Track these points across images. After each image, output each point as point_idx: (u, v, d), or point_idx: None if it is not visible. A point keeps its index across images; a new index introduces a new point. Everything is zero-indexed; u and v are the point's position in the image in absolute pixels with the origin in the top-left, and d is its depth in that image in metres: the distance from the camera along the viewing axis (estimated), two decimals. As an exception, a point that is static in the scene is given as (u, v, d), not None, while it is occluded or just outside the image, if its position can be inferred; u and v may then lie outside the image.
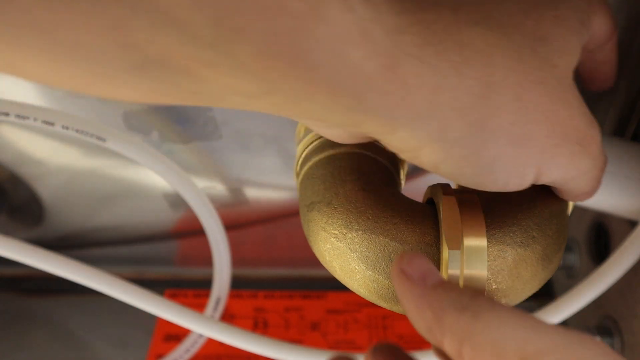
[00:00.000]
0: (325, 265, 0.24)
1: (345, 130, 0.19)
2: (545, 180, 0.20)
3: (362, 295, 0.23)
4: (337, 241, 0.22)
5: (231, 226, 0.39)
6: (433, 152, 0.18)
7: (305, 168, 0.25)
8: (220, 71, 0.15)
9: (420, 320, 0.17)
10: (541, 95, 0.18)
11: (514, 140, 0.18)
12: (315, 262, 0.25)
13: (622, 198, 0.28)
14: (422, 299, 0.17)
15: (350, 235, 0.22)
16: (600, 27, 0.22)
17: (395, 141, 0.18)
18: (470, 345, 0.16)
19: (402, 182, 0.27)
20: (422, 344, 0.44)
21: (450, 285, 0.17)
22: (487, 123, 0.18)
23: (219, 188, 0.39)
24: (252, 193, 0.40)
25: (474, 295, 0.17)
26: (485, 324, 0.16)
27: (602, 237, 0.38)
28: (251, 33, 0.14)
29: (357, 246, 0.22)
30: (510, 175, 0.19)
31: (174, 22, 0.13)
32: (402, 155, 0.19)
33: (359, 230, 0.22)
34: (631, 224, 0.32)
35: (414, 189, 0.32)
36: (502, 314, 0.16)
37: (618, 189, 0.28)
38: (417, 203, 0.23)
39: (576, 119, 0.20)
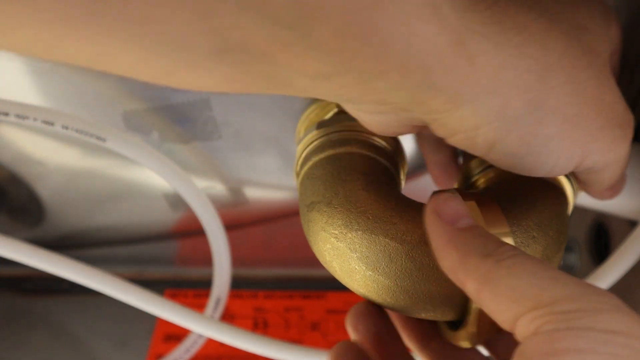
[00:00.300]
0: (325, 265, 0.24)
1: (397, 116, 0.19)
2: (586, 164, 0.21)
3: (362, 295, 0.23)
4: (337, 241, 0.22)
5: (231, 226, 0.39)
6: (491, 130, 0.19)
7: (305, 168, 0.25)
8: (296, 53, 0.15)
9: (446, 260, 0.18)
10: (590, 78, 0.19)
11: (568, 120, 0.19)
12: (315, 262, 0.25)
13: (622, 198, 0.28)
14: (450, 240, 0.18)
15: (350, 235, 0.22)
16: (615, 35, 0.22)
17: (454, 120, 0.18)
18: (490, 289, 0.17)
19: (402, 182, 0.27)
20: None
21: (479, 230, 0.18)
22: (544, 102, 0.18)
23: (219, 188, 0.39)
24: (252, 193, 0.40)
25: (499, 243, 0.18)
26: (506, 270, 0.17)
27: (602, 237, 0.38)
28: (330, 12, 0.14)
29: (357, 246, 0.22)
30: (559, 156, 0.20)
31: (258, 4, 0.14)
32: (455, 137, 0.19)
33: (359, 230, 0.22)
34: (631, 224, 0.32)
35: (414, 189, 0.32)
36: (524, 262, 0.17)
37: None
38: (417, 203, 0.23)
39: (618, 104, 0.21)
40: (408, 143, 0.34)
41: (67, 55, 0.15)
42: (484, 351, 0.25)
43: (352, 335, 0.24)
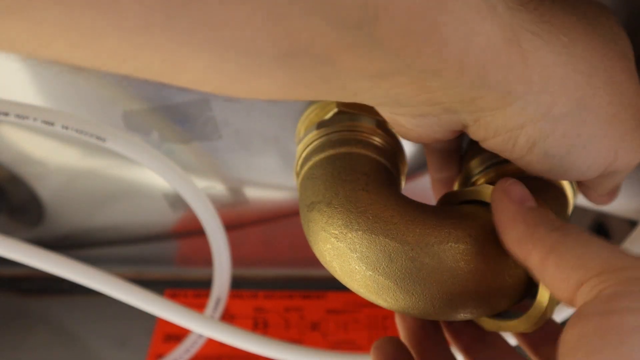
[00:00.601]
0: (325, 265, 0.24)
1: (439, 119, 0.20)
2: (615, 166, 0.21)
3: (362, 295, 0.23)
4: (337, 241, 0.22)
5: (231, 226, 0.39)
6: (535, 130, 0.19)
7: (306, 168, 0.25)
8: (358, 53, 0.15)
9: (512, 232, 0.20)
10: (626, 81, 0.20)
11: (608, 120, 0.19)
12: (315, 262, 0.25)
13: (622, 198, 0.28)
14: (518, 215, 0.20)
15: (350, 235, 0.22)
16: None
17: (500, 119, 0.19)
18: (557, 256, 0.18)
19: (402, 182, 0.27)
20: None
21: (545, 210, 0.20)
22: (588, 101, 0.19)
23: (219, 188, 0.39)
24: (252, 193, 0.40)
25: (564, 222, 0.19)
26: (574, 241, 0.18)
27: (602, 237, 0.38)
28: (395, 12, 0.15)
29: (358, 246, 0.22)
30: (597, 156, 0.20)
31: (326, 7, 0.14)
32: (495, 139, 0.20)
33: (359, 230, 0.22)
34: (631, 224, 0.32)
35: (414, 189, 0.32)
36: (591, 236, 0.18)
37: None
38: (417, 203, 0.23)
39: None
40: (408, 143, 0.34)
41: (137, 66, 0.15)
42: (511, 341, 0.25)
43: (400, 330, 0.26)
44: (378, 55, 0.16)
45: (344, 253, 0.22)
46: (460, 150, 0.29)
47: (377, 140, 0.26)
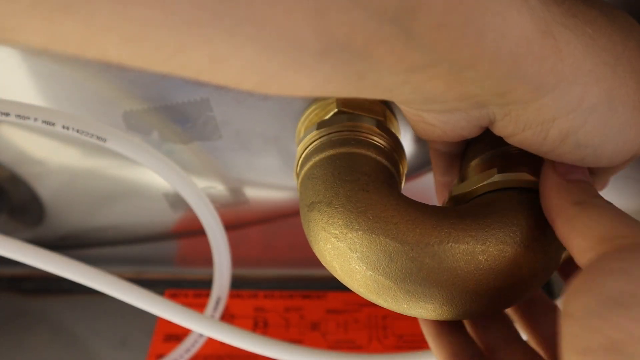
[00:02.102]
0: (325, 265, 0.24)
1: (467, 115, 0.20)
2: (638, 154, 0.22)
3: (362, 295, 0.23)
4: (337, 241, 0.22)
5: (231, 226, 0.39)
6: (567, 121, 0.19)
7: (306, 168, 0.25)
8: (395, 46, 0.16)
9: (545, 201, 0.22)
10: None
11: (636, 107, 0.20)
12: (315, 262, 0.25)
13: (623, 198, 0.28)
14: (554, 187, 0.21)
15: (350, 235, 0.22)
16: None
17: (531, 112, 0.19)
18: (571, 226, 0.20)
19: (403, 182, 0.27)
20: (422, 343, 0.44)
21: (584, 184, 0.21)
22: (617, 91, 0.19)
23: (219, 188, 0.39)
24: (252, 193, 0.40)
25: (593, 195, 0.20)
26: (587, 215, 0.19)
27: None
28: (432, 4, 0.15)
29: (358, 246, 0.22)
30: (628, 143, 0.21)
31: (366, 0, 0.14)
32: (524, 134, 0.20)
33: (360, 230, 0.22)
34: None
35: (414, 189, 0.32)
36: (604, 208, 0.19)
37: (618, 189, 0.28)
38: (417, 203, 0.23)
39: None
40: (408, 143, 0.34)
41: (182, 62, 0.15)
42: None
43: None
44: (414, 48, 0.16)
45: (344, 253, 0.22)
46: None
47: (377, 140, 0.26)
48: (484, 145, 0.26)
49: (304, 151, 0.27)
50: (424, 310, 0.22)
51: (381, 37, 0.15)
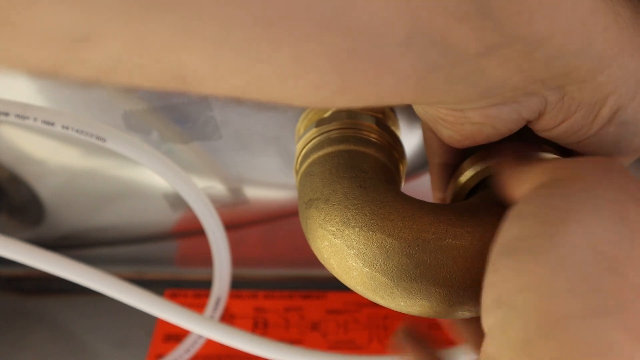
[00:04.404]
0: (322, 262, 0.24)
1: (519, 106, 0.20)
2: None
3: (359, 292, 0.23)
4: (334, 238, 0.22)
5: (231, 226, 0.39)
6: (619, 98, 0.19)
7: (305, 165, 0.25)
8: (471, 25, 0.16)
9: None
10: None
11: None
12: (315, 262, 0.25)
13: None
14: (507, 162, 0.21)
15: (347, 231, 0.22)
16: None
17: (588, 91, 0.19)
18: (516, 178, 0.20)
19: (402, 180, 0.27)
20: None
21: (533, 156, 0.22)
22: None
23: (219, 188, 0.39)
24: (252, 193, 0.40)
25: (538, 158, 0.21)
26: (529, 167, 0.19)
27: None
28: None
29: (355, 243, 0.22)
30: None
31: None
32: (577, 115, 0.20)
33: (356, 227, 0.22)
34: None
35: (414, 189, 0.32)
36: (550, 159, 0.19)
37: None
38: (415, 200, 0.23)
39: None
40: (408, 143, 0.34)
41: (248, 80, 0.15)
42: None
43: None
44: (489, 26, 0.16)
45: (341, 250, 0.22)
46: None
47: (376, 138, 0.26)
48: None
49: (303, 148, 0.27)
50: (421, 307, 0.22)
51: (460, 16, 0.15)
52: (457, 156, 0.27)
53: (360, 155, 0.25)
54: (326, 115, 0.28)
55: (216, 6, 0.12)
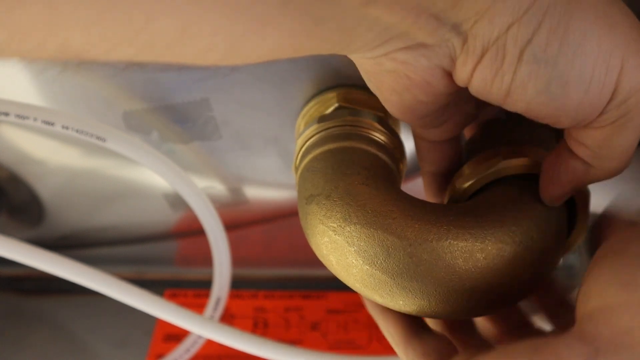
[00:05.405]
0: (321, 259, 0.24)
1: (428, 52, 0.19)
2: (624, 91, 0.19)
3: (358, 290, 0.23)
4: (335, 234, 0.22)
5: (231, 226, 0.39)
6: (522, 27, 0.18)
7: (306, 161, 0.25)
8: None
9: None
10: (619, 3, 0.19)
11: (600, 17, 0.18)
12: (315, 262, 0.25)
13: (622, 198, 0.28)
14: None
15: (348, 228, 0.22)
16: None
17: (486, 25, 0.18)
18: None
19: (401, 179, 0.27)
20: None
21: None
22: None
23: (219, 188, 0.39)
24: (252, 193, 0.40)
25: None
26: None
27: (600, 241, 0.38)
28: None
29: (355, 240, 0.22)
30: (597, 62, 0.18)
31: None
32: (485, 59, 0.19)
33: (358, 223, 0.22)
34: (631, 225, 0.32)
35: (414, 189, 0.32)
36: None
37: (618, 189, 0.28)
38: (416, 199, 0.23)
39: None
40: (408, 143, 0.34)
41: (147, 40, 0.15)
42: None
43: None
44: None
45: (342, 246, 0.22)
46: None
47: (377, 136, 0.26)
48: (480, 146, 0.26)
49: (303, 144, 0.27)
50: (420, 307, 0.22)
51: None
52: (448, 163, 0.27)
53: (362, 153, 0.25)
54: (327, 111, 0.28)
55: None
